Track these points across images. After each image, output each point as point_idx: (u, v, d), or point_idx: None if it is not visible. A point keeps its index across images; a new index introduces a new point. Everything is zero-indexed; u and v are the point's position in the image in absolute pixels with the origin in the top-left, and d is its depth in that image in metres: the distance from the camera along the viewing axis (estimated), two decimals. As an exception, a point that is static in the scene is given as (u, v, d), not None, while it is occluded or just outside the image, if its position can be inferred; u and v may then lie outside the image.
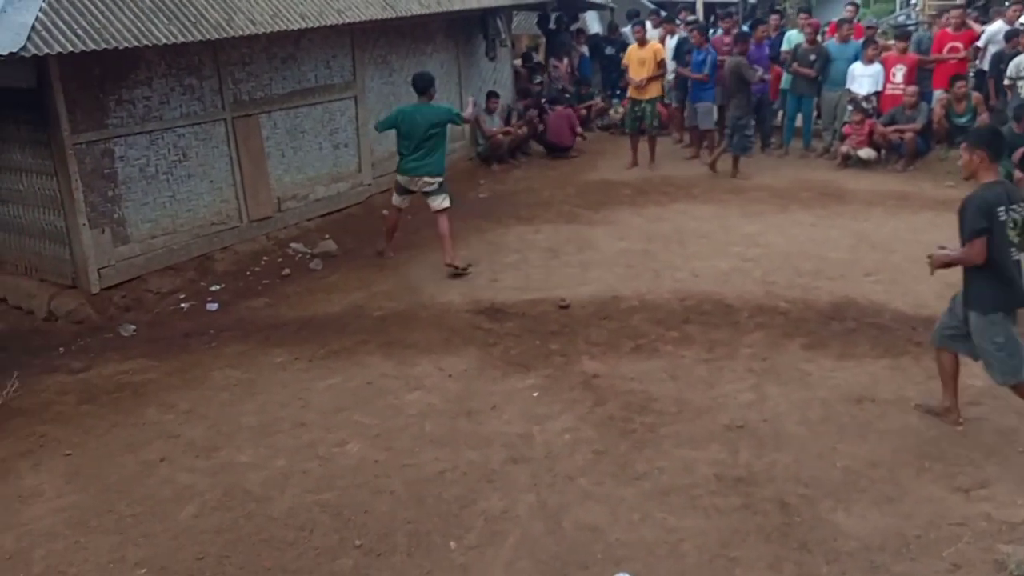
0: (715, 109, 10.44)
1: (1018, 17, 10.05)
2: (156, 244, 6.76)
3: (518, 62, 12.91)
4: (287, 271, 7.21)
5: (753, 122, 9.95)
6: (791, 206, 8.48)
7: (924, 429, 4.23)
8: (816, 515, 3.59)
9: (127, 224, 6.57)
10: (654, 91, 10.23)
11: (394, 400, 4.81)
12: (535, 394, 4.80)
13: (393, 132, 7.00)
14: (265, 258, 7.45)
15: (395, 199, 7.23)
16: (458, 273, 6.77)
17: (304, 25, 7.12)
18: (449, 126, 7.06)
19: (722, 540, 3.46)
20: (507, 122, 11.17)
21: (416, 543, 3.53)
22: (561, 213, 8.60)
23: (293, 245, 7.71)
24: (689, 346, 5.32)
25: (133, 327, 6.13)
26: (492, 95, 10.84)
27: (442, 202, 6.91)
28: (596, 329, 5.66)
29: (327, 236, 7.85)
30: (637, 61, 10.10)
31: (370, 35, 8.76)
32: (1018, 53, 9.17)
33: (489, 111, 10.84)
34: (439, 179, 6.92)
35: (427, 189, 6.92)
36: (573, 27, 13.78)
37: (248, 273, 7.16)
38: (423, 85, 6.92)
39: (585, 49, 13.53)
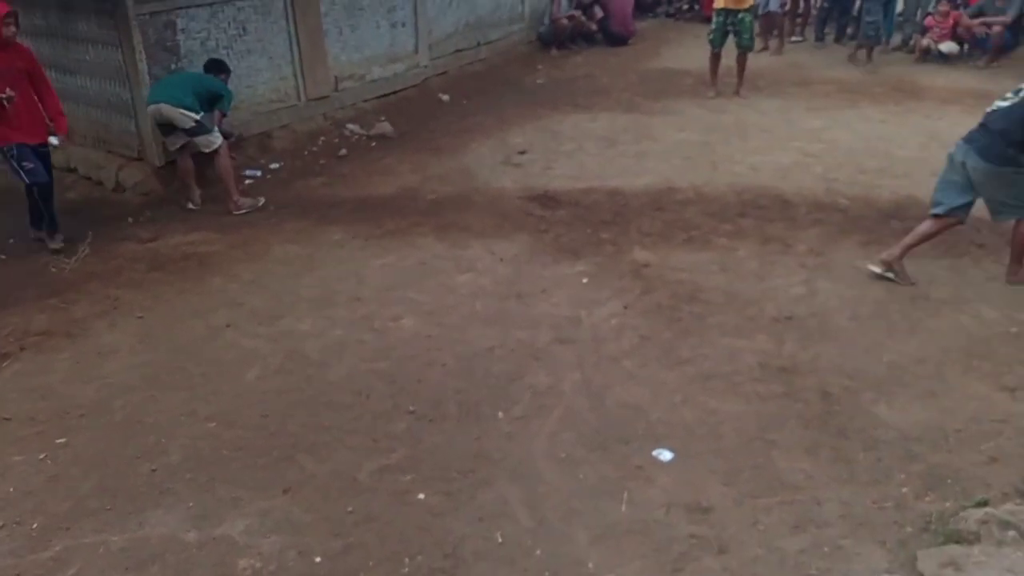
0: None
1: None
2: (217, 120, 6.85)
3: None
4: (344, 151, 7.29)
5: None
6: (861, 101, 8.15)
7: (976, 329, 4.19)
8: (857, 406, 3.64)
9: (189, 99, 6.65)
10: None
11: (446, 280, 4.93)
12: (584, 280, 4.87)
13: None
14: (322, 138, 7.52)
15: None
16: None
17: None
18: None
19: (761, 424, 3.55)
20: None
21: (465, 412, 3.70)
22: (620, 102, 8.42)
23: (349, 126, 7.75)
24: (743, 240, 5.28)
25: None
26: None
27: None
28: (649, 220, 5.64)
29: (383, 118, 7.86)
30: None
31: (430, -93, 8.47)
32: None
33: (562, -7, 10.51)
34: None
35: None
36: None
37: (306, 152, 7.25)
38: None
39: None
